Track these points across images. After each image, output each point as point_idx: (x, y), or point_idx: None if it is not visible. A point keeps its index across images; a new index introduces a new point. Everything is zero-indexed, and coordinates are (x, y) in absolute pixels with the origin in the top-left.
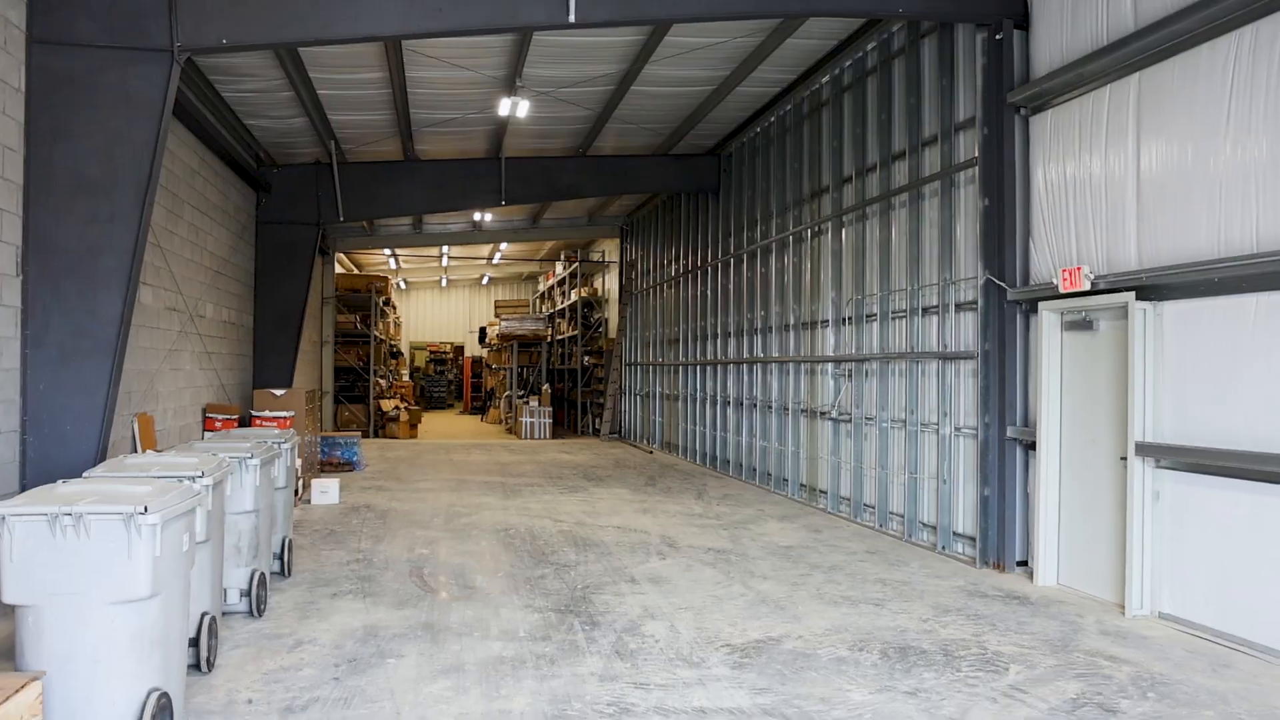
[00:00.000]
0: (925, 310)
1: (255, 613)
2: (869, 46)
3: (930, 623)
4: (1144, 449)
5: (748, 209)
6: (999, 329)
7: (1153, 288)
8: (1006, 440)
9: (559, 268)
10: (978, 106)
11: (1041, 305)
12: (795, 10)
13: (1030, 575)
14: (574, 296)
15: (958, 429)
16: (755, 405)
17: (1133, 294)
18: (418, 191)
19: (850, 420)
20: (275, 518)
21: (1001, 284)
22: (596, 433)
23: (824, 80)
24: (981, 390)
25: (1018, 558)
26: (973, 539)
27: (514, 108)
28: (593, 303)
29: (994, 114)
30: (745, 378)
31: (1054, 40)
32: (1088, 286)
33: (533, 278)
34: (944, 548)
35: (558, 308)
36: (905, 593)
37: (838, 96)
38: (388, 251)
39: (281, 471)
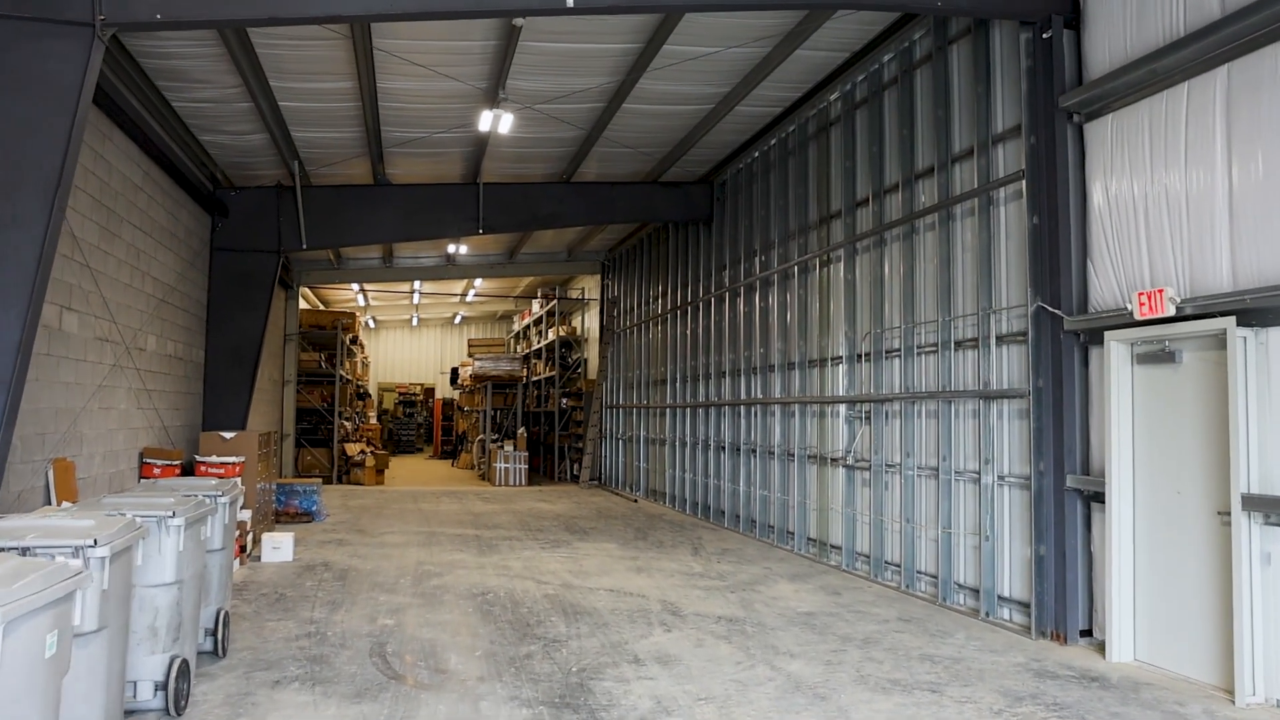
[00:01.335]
0: (959, 344)
1: (173, 711)
2: (886, 58)
3: (1005, 715)
4: (1251, 502)
5: (745, 239)
6: (1053, 363)
7: (1257, 311)
8: (1065, 491)
9: (536, 306)
10: (1023, 114)
11: (1108, 335)
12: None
13: (1100, 649)
14: (551, 336)
15: (1002, 477)
16: (755, 451)
17: (1232, 319)
18: (388, 218)
19: (868, 468)
20: (208, 586)
21: (1056, 312)
22: (575, 479)
23: (832, 97)
24: (1034, 433)
25: (1080, 627)
26: (1025, 605)
27: (496, 121)
28: (571, 342)
29: (1043, 121)
30: (743, 421)
31: (1114, 36)
32: (1172, 312)
33: (508, 316)
34: (989, 614)
35: (534, 348)
36: (961, 673)
37: (849, 113)
38: (356, 287)
39: (217, 530)
